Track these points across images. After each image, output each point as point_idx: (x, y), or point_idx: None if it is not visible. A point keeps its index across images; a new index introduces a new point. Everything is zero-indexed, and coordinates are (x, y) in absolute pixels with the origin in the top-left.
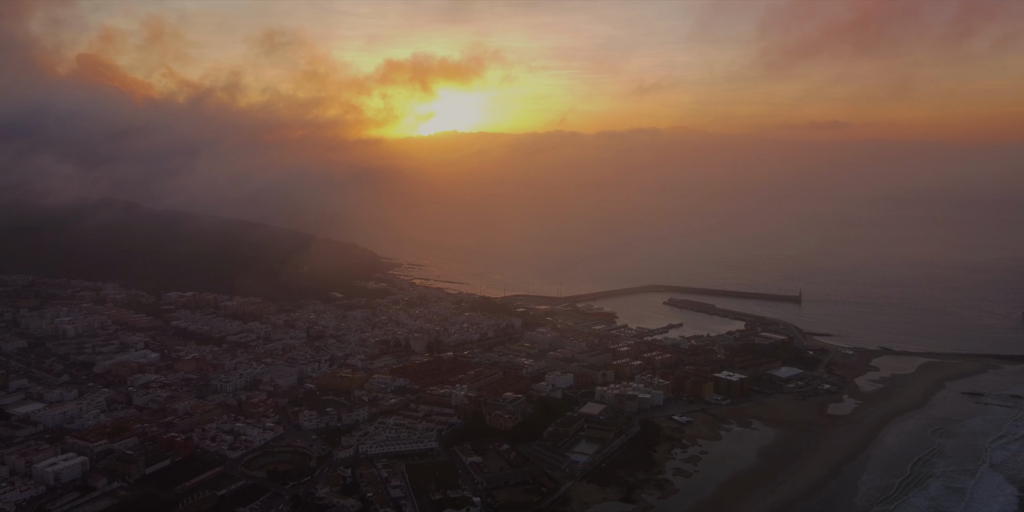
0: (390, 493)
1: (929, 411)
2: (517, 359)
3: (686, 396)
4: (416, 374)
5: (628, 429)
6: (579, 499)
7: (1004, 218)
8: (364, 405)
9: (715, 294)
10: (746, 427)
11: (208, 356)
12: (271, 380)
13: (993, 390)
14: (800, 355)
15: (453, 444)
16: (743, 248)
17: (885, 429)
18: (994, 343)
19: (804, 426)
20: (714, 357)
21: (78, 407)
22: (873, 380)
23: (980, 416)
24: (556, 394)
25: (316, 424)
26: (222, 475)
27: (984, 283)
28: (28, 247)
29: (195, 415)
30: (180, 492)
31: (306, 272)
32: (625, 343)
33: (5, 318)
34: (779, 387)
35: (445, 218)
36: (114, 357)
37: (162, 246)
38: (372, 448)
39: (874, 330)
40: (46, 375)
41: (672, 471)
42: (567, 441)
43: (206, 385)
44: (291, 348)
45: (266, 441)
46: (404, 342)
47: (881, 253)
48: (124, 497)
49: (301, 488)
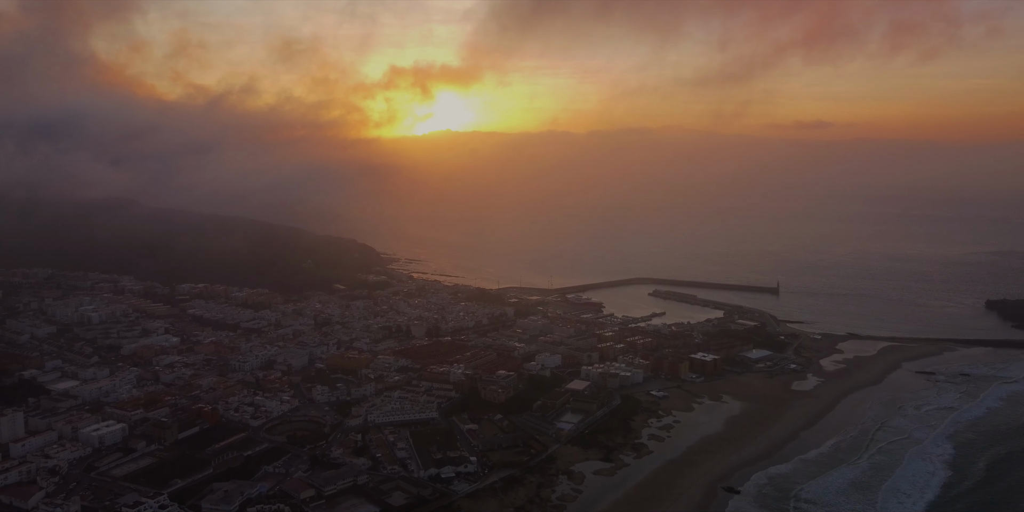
0: (396, 454)
1: (883, 387)
2: (510, 343)
3: (664, 374)
4: (417, 355)
5: (610, 402)
6: (564, 459)
7: (981, 215)
8: (371, 382)
9: (698, 286)
10: (717, 401)
11: (224, 340)
12: (284, 361)
13: (945, 369)
14: (772, 339)
15: (452, 414)
16: (727, 243)
17: (841, 402)
18: (954, 329)
19: (769, 400)
20: (692, 341)
21: (111, 383)
22: (836, 361)
23: (927, 391)
24: (545, 372)
25: (328, 398)
26: (247, 440)
27: (955, 276)
28: (44, 242)
29: (218, 390)
30: (211, 453)
31: (309, 266)
32: (610, 329)
33: (32, 307)
34: (749, 367)
35: (440, 215)
36: (138, 341)
37: (167, 242)
38: (379, 417)
39: (845, 318)
40: (77, 357)
41: (647, 437)
42: (554, 412)
43: (225, 365)
44: (300, 333)
45: (284, 412)
46: (405, 328)
47: (859, 248)
48: (162, 457)
49: (317, 450)
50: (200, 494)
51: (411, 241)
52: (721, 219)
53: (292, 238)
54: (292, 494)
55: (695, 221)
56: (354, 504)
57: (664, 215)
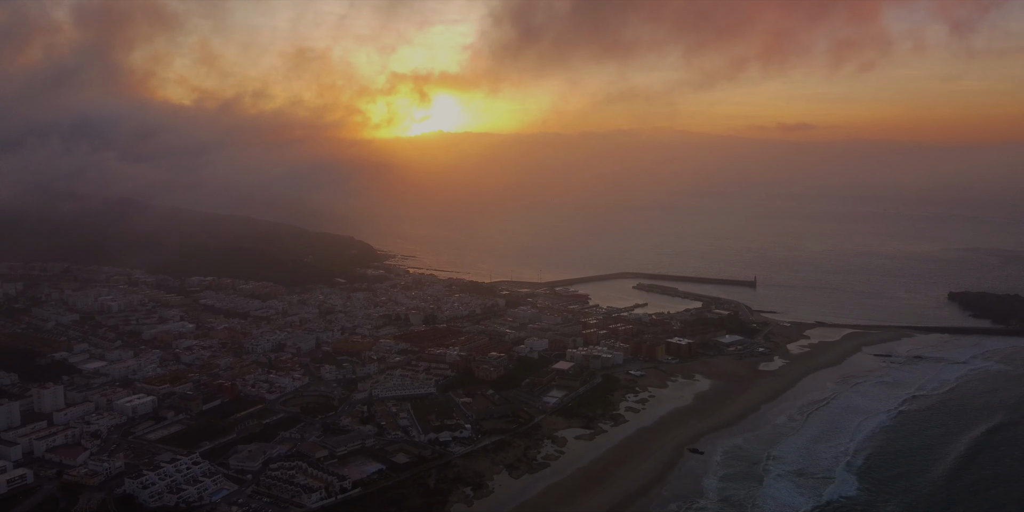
0: (399, 422)
1: (842, 368)
2: (501, 329)
3: (642, 357)
4: (416, 340)
5: (591, 380)
6: (549, 427)
7: (957, 214)
8: (373, 362)
9: (679, 280)
10: (689, 379)
11: (237, 326)
12: (294, 344)
13: (900, 353)
14: (744, 326)
15: (448, 390)
16: (709, 241)
17: (803, 380)
18: (915, 317)
19: (737, 378)
20: (670, 328)
21: (137, 363)
22: (802, 345)
23: (881, 371)
24: (533, 355)
25: (335, 376)
26: (264, 410)
27: (923, 270)
28: (59, 238)
29: (235, 369)
30: (233, 421)
31: (311, 261)
32: (595, 317)
33: (53, 297)
34: (721, 350)
35: (433, 213)
36: (157, 327)
37: (174, 238)
38: (382, 392)
39: (815, 308)
40: (102, 341)
41: (624, 409)
42: (541, 388)
43: (239, 348)
44: (306, 320)
45: (296, 388)
46: (404, 316)
47: (835, 245)
48: (189, 424)
49: (328, 419)
50: (227, 454)
51: (406, 238)
52: (705, 217)
53: (292, 235)
54: (308, 454)
55: (680, 219)
56: (363, 462)
57: (650, 213)
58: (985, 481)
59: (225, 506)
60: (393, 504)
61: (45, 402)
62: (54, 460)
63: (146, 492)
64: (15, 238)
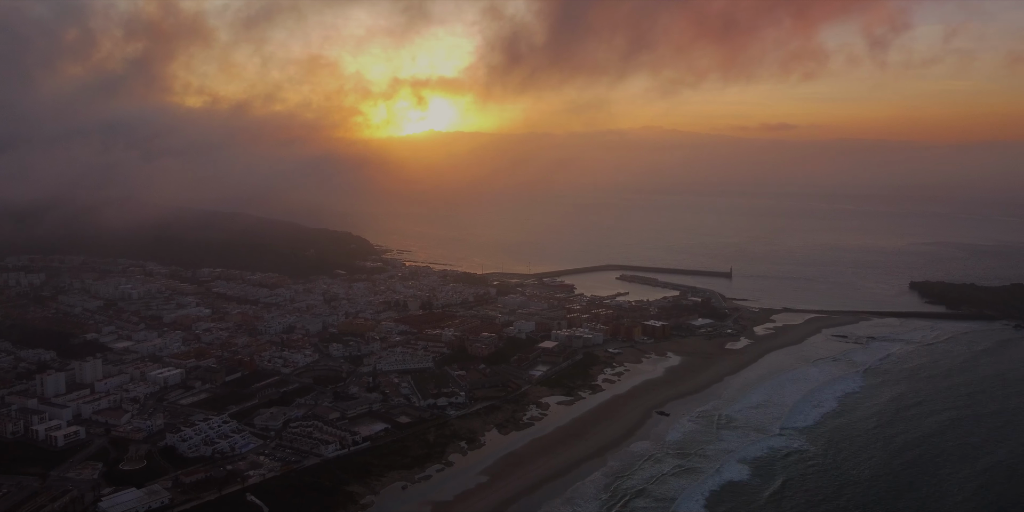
0: (401, 390)
1: (801, 347)
2: (492, 314)
3: (621, 337)
4: (414, 322)
5: (573, 357)
6: (534, 394)
7: (929, 211)
8: (376, 341)
9: (660, 271)
10: (662, 356)
11: (249, 311)
12: (303, 326)
13: (856, 334)
14: (716, 311)
15: (444, 365)
16: (690, 236)
17: (764, 357)
18: (876, 304)
19: (705, 355)
20: (648, 313)
21: (162, 342)
22: (768, 328)
23: (836, 349)
24: (521, 335)
25: (342, 353)
26: (280, 381)
27: (890, 262)
28: (73, 233)
29: (251, 347)
30: (254, 390)
31: (312, 254)
32: (579, 304)
33: (75, 287)
34: (693, 331)
35: (427, 211)
36: (176, 312)
37: (180, 235)
38: (385, 366)
39: (784, 296)
40: (127, 324)
41: (602, 380)
42: (528, 363)
43: (253, 329)
44: (313, 306)
45: (307, 363)
46: (402, 303)
47: (809, 240)
48: (215, 392)
49: (338, 388)
50: (250, 416)
51: (401, 234)
52: (687, 214)
53: (292, 231)
54: (322, 416)
55: (661, 215)
56: (370, 422)
57: (634, 209)
58: (914, 436)
59: (253, 456)
60: (398, 454)
61: (86, 373)
62: (100, 421)
63: (185, 444)
64: (33, 231)
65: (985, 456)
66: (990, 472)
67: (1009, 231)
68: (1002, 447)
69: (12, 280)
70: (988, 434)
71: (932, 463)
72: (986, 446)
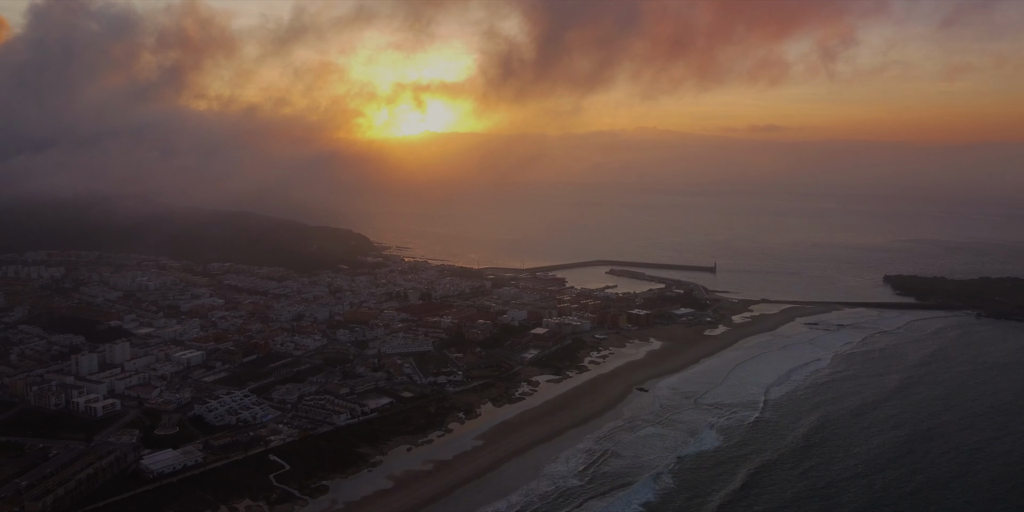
0: (404, 370)
1: (775, 333)
2: (487, 304)
3: (607, 325)
4: (414, 311)
5: (562, 342)
6: (525, 374)
7: (911, 210)
8: (380, 327)
9: (648, 266)
10: (645, 341)
11: (260, 301)
12: (311, 314)
13: (828, 322)
14: (697, 302)
15: (443, 348)
16: (679, 234)
17: (739, 341)
18: (850, 295)
19: (684, 341)
20: (633, 303)
21: (182, 328)
22: (745, 316)
23: (807, 335)
24: (514, 323)
25: (349, 338)
26: (293, 362)
27: (868, 258)
28: (89, 229)
29: (265, 333)
30: (270, 369)
31: (315, 250)
32: (569, 295)
33: (94, 279)
34: (674, 320)
35: (425, 210)
36: (192, 301)
37: (187, 231)
38: (389, 349)
39: (765, 289)
40: (146, 312)
41: (588, 362)
42: (520, 347)
43: (265, 317)
44: (319, 297)
45: (317, 347)
46: (403, 294)
47: (792, 237)
48: (235, 372)
49: (346, 368)
50: (268, 392)
51: (399, 232)
52: (677, 212)
53: (294, 229)
54: (333, 391)
55: (652, 213)
56: (377, 396)
57: (623, 208)
58: (868, 409)
59: (273, 424)
60: (403, 423)
61: (116, 354)
62: (132, 395)
63: (212, 414)
64: (49, 228)
65: (909, 412)
66: (901, 416)
67: (985, 229)
68: (924, 405)
69: (34, 273)
70: (924, 399)
71: (872, 422)
72: (919, 407)
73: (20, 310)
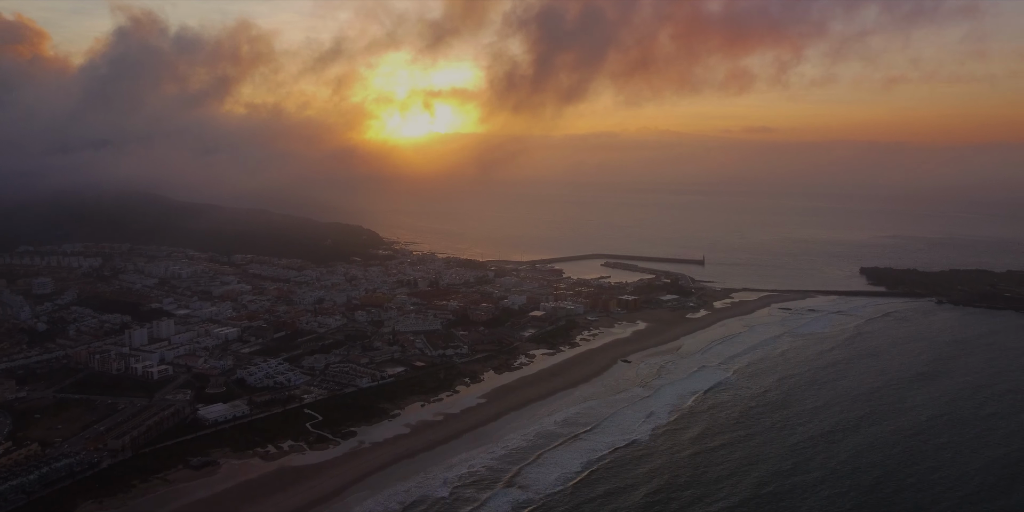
0: (416, 345)
1: (751, 317)
2: (490, 290)
3: (599, 309)
4: (424, 296)
5: (557, 322)
6: (523, 348)
7: (899, 208)
8: (393, 309)
9: (641, 259)
10: (632, 323)
11: (283, 287)
12: (331, 299)
13: (799, 307)
14: (683, 289)
15: (450, 327)
16: (672, 230)
17: (717, 323)
18: (825, 284)
19: (667, 322)
20: (624, 291)
21: (217, 309)
22: (725, 303)
23: (779, 318)
24: (514, 306)
25: (366, 318)
26: (318, 337)
27: (851, 253)
28: (116, 224)
29: (291, 313)
30: (298, 343)
31: (329, 244)
32: (565, 284)
33: (130, 268)
34: (660, 305)
35: (430, 208)
36: (222, 287)
37: (211, 228)
38: (402, 327)
39: (748, 279)
40: (182, 297)
41: (579, 339)
42: (519, 327)
43: (290, 301)
44: (337, 284)
45: (337, 325)
46: (413, 281)
47: (780, 233)
48: (267, 345)
49: (365, 343)
50: (298, 361)
51: (406, 229)
52: (668, 210)
53: (307, 225)
54: (355, 361)
55: (647, 211)
56: (393, 366)
57: (620, 206)
58: (828, 378)
59: (305, 386)
60: (416, 385)
61: (162, 330)
62: (181, 363)
63: (252, 377)
64: (82, 222)
65: (851, 377)
66: (840, 381)
67: (963, 226)
68: (861, 370)
69: (74, 263)
70: (868, 365)
71: (821, 384)
72: (858, 372)
73: (69, 294)
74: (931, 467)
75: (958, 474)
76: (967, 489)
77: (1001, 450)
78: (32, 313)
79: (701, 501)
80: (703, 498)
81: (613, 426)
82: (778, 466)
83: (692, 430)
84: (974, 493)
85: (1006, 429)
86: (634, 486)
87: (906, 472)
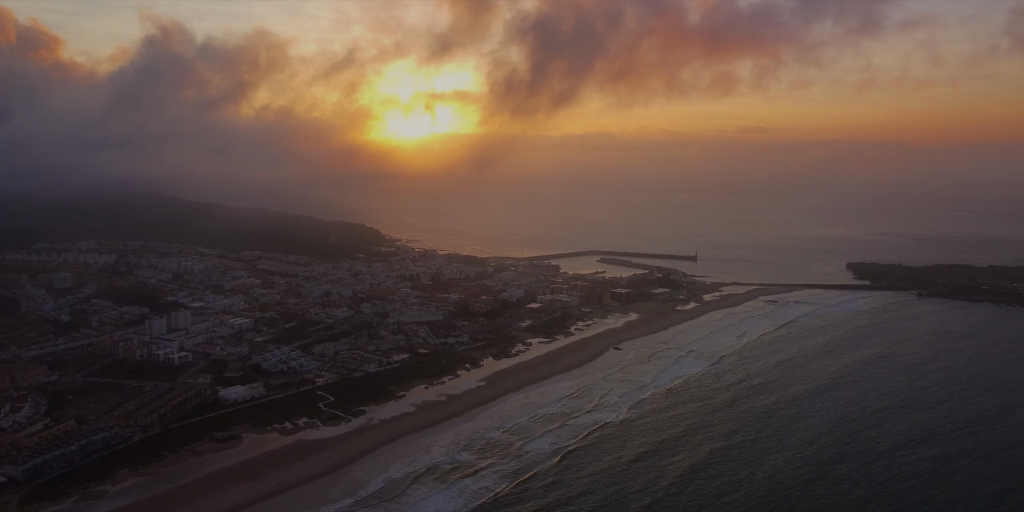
0: (419, 334)
1: (738, 308)
2: (489, 284)
3: (593, 301)
4: (426, 289)
5: (553, 314)
6: (521, 337)
7: (884, 207)
8: (397, 302)
9: (636, 255)
10: (624, 314)
11: (292, 282)
12: (337, 292)
13: (785, 300)
14: (674, 283)
15: (452, 318)
16: (667, 228)
17: (705, 314)
18: (812, 279)
19: (659, 314)
20: (618, 284)
21: (230, 302)
22: (715, 295)
23: (764, 310)
24: (512, 299)
25: (371, 310)
26: (327, 327)
27: (839, 249)
28: (126, 222)
29: (300, 305)
30: (308, 333)
31: (333, 242)
32: (561, 278)
33: (144, 264)
34: (652, 297)
35: (430, 207)
36: (233, 281)
37: (215, 225)
38: (406, 318)
39: (738, 274)
40: (195, 290)
41: (574, 329)
42: (517, 318)
43: (298, 294)
44: (342, 279)
45: (345, 316)
46: (415, 276)
47: (773, 231)
48: (279, 334)
49: (371, 332)
50: (309, 349)
51: (407, 227)
52: (664, 209)
53: (310, 223)
54: (362, 348)
55: (643, 210)
56: (398, 353)
57: (616, 204)
58: (796, 363)
59: (317, 371)
60: (420, 370)
61: (180, 320)
62: (199, 350)
63: (267, 363)
64: (98, 220)
65: (827, 358)
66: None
67: (951, 223)
68: (842, 356)
69: (90, 259)
70: (842, 351)
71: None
72: (835, 357)
73: (89, 288)
74: (869, 425)
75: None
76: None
77: (936, 410)
78: (55, 306)
79: (673, 455)
80: (673, 454)
81: (604, 405)
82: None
83: (674, 410)
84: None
85: (943, 399)
86: (620, 453)
87: (848, 439)
